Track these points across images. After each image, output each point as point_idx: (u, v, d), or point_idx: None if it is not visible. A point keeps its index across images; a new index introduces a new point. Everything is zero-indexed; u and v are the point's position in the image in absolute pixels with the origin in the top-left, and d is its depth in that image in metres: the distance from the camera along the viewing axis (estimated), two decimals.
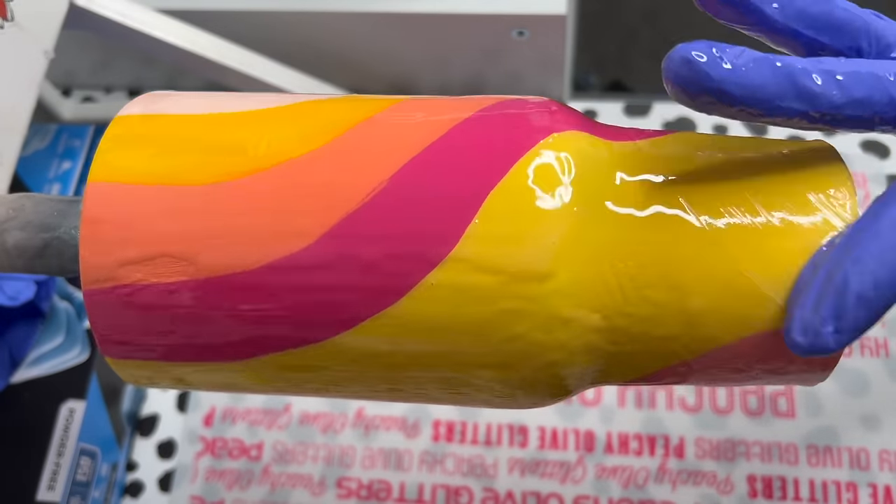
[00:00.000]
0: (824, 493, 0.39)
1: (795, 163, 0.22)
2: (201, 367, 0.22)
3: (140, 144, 0.22)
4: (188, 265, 0.21)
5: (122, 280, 0.21)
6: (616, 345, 0.21)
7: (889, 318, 0.42)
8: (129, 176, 0.21)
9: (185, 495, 0.43)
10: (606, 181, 0.21)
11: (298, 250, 0.20)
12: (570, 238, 0.20)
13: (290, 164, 0.21)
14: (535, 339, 0.20)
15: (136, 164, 0.22)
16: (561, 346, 0.21)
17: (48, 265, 0.23)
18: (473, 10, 0.43)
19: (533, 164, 0.21)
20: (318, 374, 0.22)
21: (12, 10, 0.31)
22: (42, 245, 0.23)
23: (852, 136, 0.47)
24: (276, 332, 0.21)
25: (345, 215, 0.20)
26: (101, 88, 0.54)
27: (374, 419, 0.43)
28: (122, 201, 0.21)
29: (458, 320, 0.20)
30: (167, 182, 0.21)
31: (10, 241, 0.23)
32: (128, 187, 0.21)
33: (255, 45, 0.43)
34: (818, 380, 0.22)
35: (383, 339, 0.21)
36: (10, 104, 0.31)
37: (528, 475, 0.41)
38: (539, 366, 0.21)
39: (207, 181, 0.21)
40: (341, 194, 0.21)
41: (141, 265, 0.21)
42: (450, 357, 0.21)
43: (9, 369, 0.40)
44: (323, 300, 0.21)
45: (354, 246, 0.20)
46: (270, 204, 0.21)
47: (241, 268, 0.21)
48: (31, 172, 0.45)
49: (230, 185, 0.21)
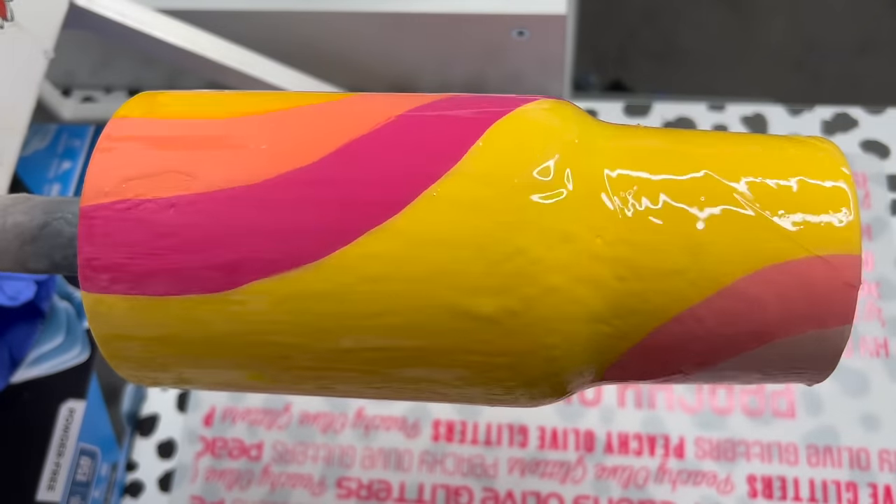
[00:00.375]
0: (824, 493, 0.39)
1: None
2: (188, 302, 0.22)
3: (161, 104, 0.24)
4: (191, 180, 0.21)
5: (122, 195, 0.21)
6: (621, 280, 0.21)
7: (889, 317, 0.42)
8: (149, 114, 0.23)
9: (185, 495, 0.43)
10: (602, 129, 0.23)
11: (303, 166, 0.21)
12: (570, 157, 0.21)
13: (308, 107, 0.23)
14: (536, 256, 0.20)
15: (156, 110, 0.23)
16: (563, 268, 0.21)
17: (41, 248, 0.23)
18: (473, 10, 0.43)
19: (533, 107, 0.22)
20: (309, 317, 0.21)
21: (12, 10, 0.31)
22: (42, 223, 0.23)
23: (852, 136, 0.47)
24: (271, 247, 0.21)
25: (350, 140, 0.22)
26: (101, 88, 0.54)
27: (374, 419, 0.43)
28: (139, 126, 0.23)
29: (459, 233, 0.21)
30: (185, 117, 0.23)
31: (10, 221, 0.23)
32: (146, 120, 0.23)
33: (255, 45, 0.43)
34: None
35: (382, 256, 0.21)
36: (10, 104, 0.31)
37: (528, 475, 0.41)
38: (540, 291, 0.21)
39: (225, 116, 0.23)
40: (352, 124, 0.22)
41: (144, 180, 0.21)
42: (448, 279, 0.21)
43: (9, 369, 0.40)
44: (324, 212, 0.21)
45: (359, 163, 0.21)
46: (280, 131, 0.22)
47: (244, 182, 0.21)
48: (30, 172, 0.45)
49: (247, 118, 0.23)
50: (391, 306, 0.21)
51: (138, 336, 0.22)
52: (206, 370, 0.23)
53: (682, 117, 0.49)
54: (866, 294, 0.43)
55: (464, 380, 0.22)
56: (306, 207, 0.21)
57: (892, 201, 0.45)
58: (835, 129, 0.47)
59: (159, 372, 0.23)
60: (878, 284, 0.43)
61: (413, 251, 0.21)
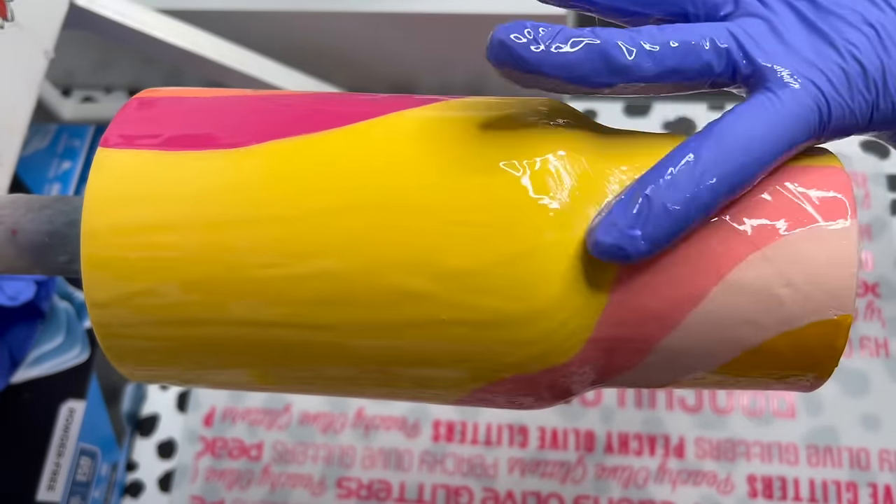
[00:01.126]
0: (824, 493, 0.39)
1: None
2: (203, 157, 0.22)
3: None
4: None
5: (155, 94, 0.24)
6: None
7: (889, 317, 0.42)
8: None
9: (185, 495, 0.43)
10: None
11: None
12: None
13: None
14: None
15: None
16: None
17: (47, 215, 0.24)
18: (473, 10, 0.43)
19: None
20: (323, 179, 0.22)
21: (12, 10, 0.31)
22: (58, 197, 0.24)
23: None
24: (288, 117, 0.23)
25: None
26: (100, 88, 0.54)
27: (374, 419, 0.43)
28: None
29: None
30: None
31: (25, 197, 0.24)
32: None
33: (255, 45, 0.43)
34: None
35: (403, 128, 0.22)
36: (10, 104, 0.31)
37: (529, 475, 0.41)
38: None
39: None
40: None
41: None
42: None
43: (9, 369, 0.40)
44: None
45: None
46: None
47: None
48: (30, 172, 0.45)
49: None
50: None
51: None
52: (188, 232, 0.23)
53: (682, 117, 0.49)
54: (866, 294, 0.43)
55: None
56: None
57: (891, 201, 0.45)
58: None
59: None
60: (878, 284, 0.43)
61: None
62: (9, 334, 0.40)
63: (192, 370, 0.24)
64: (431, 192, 0.21)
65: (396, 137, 0.22)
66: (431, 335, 0.22)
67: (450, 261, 0.21)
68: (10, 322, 0.40)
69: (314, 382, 0.24)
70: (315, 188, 0.22)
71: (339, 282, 0.21)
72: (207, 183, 0.22)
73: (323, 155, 0.22)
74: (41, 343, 0.41)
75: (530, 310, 0.21)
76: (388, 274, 0.21)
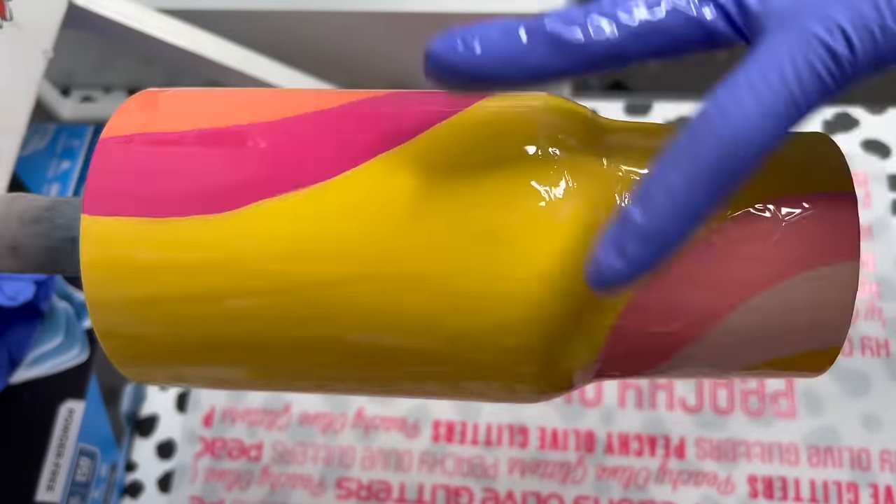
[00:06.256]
0: (825, 493, 0.39)
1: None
2: (192, 224, 0.22)
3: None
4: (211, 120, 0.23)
5: (142, 129, 0.23)
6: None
7: (889, 318, 0.42)
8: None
9: (185, 496, 0.43)
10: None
11: (293, 116, 0.23)
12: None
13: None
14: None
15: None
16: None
17: (44, 229, 0.23)
18: (473, 10, 0.43)
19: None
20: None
21: (11, 10, 0.31)
22: (48, 205, 0.23)
23: (853, 135, 0.47)
24: (274, 167, 0.22)
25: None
26: (100, 88, 0.54)
27: (374, 419, 0.43)
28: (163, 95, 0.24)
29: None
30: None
31: (16, 206, 0.23)
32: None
33: (255, 45, 0.43)
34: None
35: (398, 173, 0.21)
36: (9, 104, 0.31)
37: (529, 475, 0.41)
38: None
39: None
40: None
41: (163, 122, 0.23)
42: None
43: (8, 369, 0.40)
44: (323, 144, 0.22)
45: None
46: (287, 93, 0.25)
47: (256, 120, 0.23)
48: (30, 172, 0.45)
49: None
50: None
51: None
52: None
53: (683, 117, 0.49)
54: (867, 294, 0.43)
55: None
56: (307, 140, 0.22)
57: (892, 201, 0.45)
58: (836, 129, 0.47)
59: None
60: (879, 284, 0.43)
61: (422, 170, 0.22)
62: (8, 334, 0.40)
63: (193, 371, 0.24)
64: (426, 260, 0.21)
65: (382, 197, 0.22)
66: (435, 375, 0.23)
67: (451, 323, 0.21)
68: (9, 322, 0.40)
69: (319, 384, 0.24)
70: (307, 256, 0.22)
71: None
72: (201, 255, 0.22)
73: (312, 217, 0.22)
74: (40, 343, 0.41)
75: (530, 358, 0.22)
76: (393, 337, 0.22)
